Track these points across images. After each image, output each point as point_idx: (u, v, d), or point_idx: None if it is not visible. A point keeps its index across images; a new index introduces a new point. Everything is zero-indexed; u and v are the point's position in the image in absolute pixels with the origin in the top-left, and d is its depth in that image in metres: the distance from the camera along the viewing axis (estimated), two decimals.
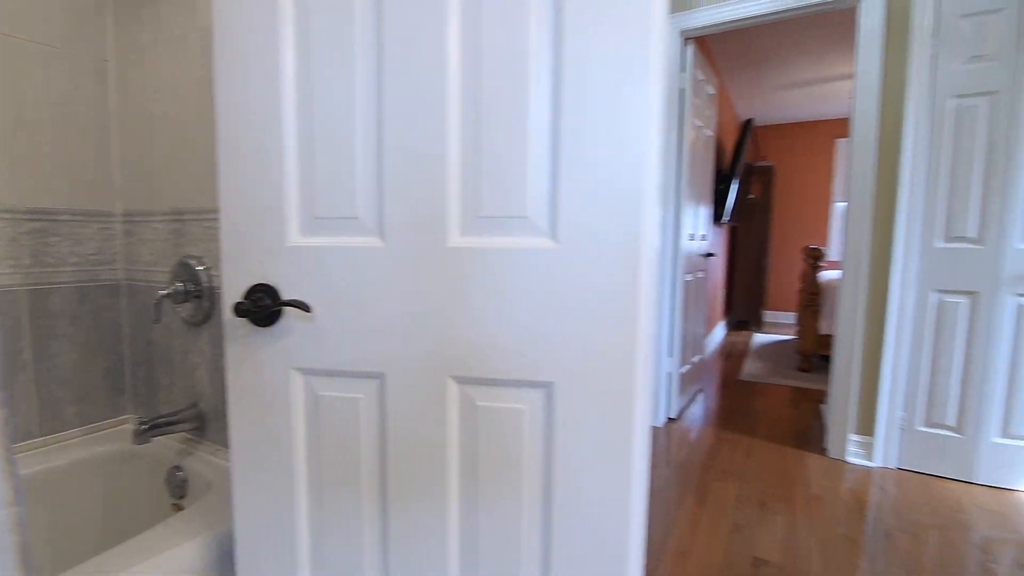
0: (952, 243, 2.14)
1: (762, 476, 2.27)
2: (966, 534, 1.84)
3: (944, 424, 2.20)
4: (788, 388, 3.60)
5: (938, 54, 2.13)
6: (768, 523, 1.90)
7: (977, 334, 2.12)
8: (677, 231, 2.80)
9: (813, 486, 2.18)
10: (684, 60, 2.74)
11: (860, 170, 2.29)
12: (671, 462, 2.43)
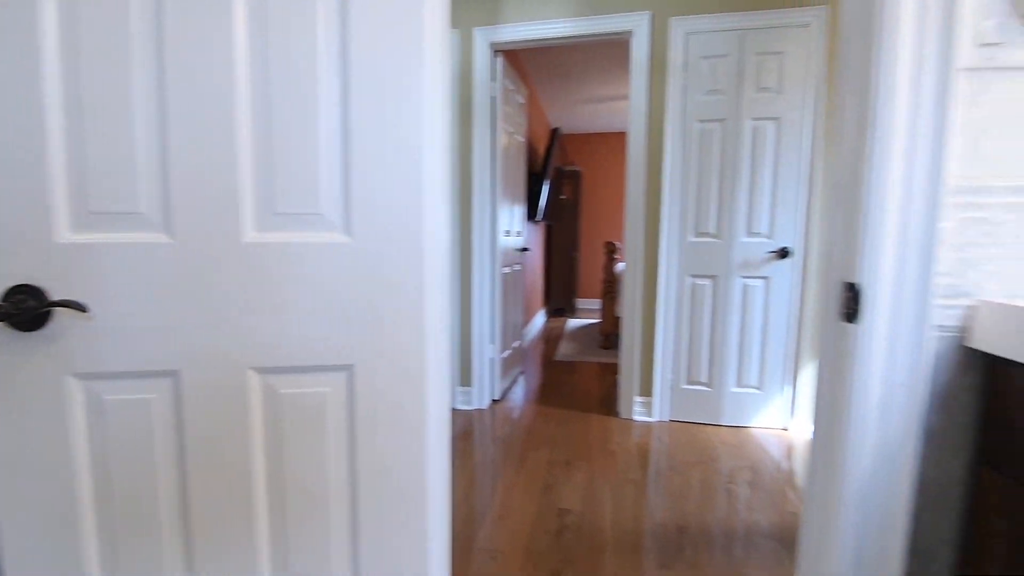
0: (700, 238, 2.70)
1: (570, 441, 2.61)
2: (716, 465, 2.36)
3: (700, 381, 2.77)
4: (595, 364, 4.12)
5: (687, 86, 2.65)
6: (572, 479, 2.20)
7: (718, 309, 2.71)
8: (494, 228, 3.03)
9: (608, 443, 2.58)
10: (495, 70, 2.97)
11: (635, 177, 2.74)
12: (496, 438, 2.64)
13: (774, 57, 2.57)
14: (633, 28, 2.69)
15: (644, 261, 2.77)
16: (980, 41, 0.67)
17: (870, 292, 0.71)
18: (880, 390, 0.72)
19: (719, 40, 2.61)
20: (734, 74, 2.61)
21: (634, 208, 2.76)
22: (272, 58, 0.77)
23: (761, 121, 2.60)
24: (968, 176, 0.68)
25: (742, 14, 2.57)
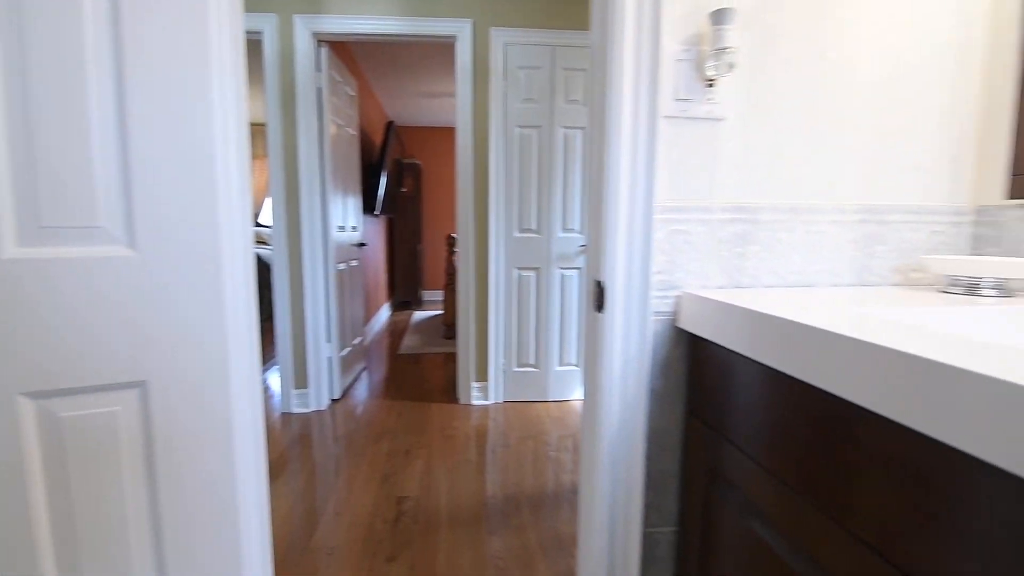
0: (524, 233, 2.95)
1: (410, 430, 2.69)
2: (544, 437, 2.63)
3: (529, 363, 3.04)
4: (438, 355, 4.24)
5: (507, 93, 2.86)
6: (411, 467, 2.29)
7: (542, 297, 2.99)
8: (326, 223, 2.95)
9: (447, 429, 2.71)
10: (319, 60, 2.87)
11: (464, 176, 2.89)
12: (337, 437, 2.62)
13: (579, 72, 2.89)
14: (457, 34, 2.81)
15: (475, 255, 2.94)
16: (676, 96, 0.89)
17: (610, 288, 0.91)
18: (621, 363, 0.92)
19: (534, 53, 2.85)
20: (547, 85, 2.88)
21: (464, 205, 2.91)
22: (28, 47, 0.72)
23: (571, 129, 2.92)
24: (672, 199, 0.91)
25: (552, 31, 2.84)
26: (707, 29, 0.88)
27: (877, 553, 0.52)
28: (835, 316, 0.63)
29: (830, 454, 0.59)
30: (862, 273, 0.97)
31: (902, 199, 0.96)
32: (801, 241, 0.95)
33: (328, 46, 2.96)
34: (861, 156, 0.95)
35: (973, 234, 0.98)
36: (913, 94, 0.95)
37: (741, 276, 0.94)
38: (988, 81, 0.96)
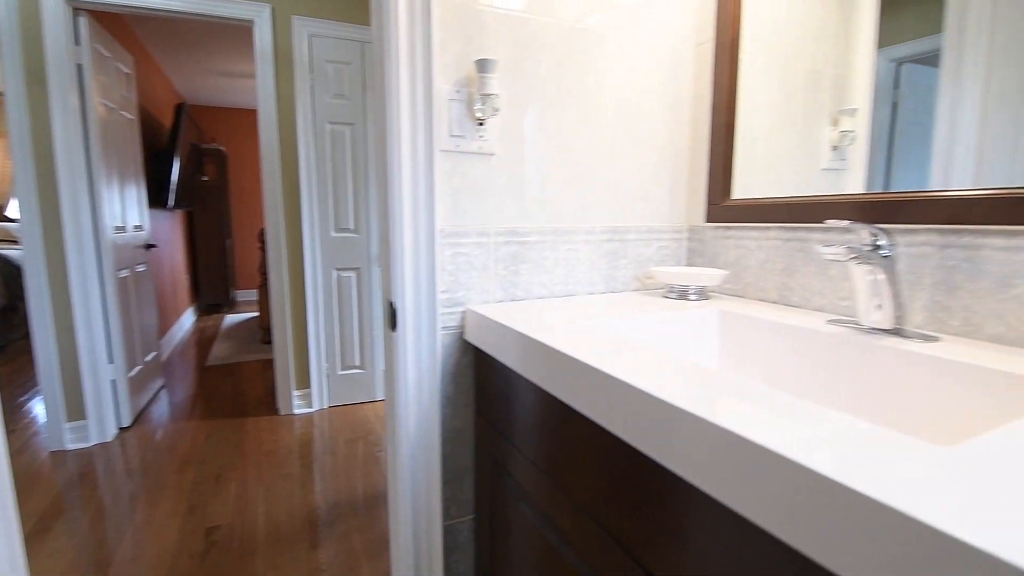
0: (341, 233, 2.88)
1: (220, 453, 2.48)
2: (372, 438, 2.63)
3: (354, 365, 3.01)
4: (254, 363, 3.93)
5: (315, 86, 2.74)
6: (223, 492, 2.13)
7: (364, 298, 2.96)
8: (97, 223, 2.53)
9: (265, 444, 2.56)
10: (77, 33, 2.43)
11: (270, 173, 2.71)
12: (131, 471, 2.30)
13: None
14: (254, 18, 2.61)
15: (289, 255, 2.79)
16: (451, 133, 0.99)
17: (401, 308, 0.98)
18: (415, 374, 1.01)
19: (343, 47, 2.77)
20: (359, 82, 2.83)
21: (273, 203, 2.74)
22: None
23: None
24: (454, 224, 1.01)
25: (363, 28, 2.79)
26: (474, 74, 0.99)
27: (596, 521, 0.68)
28: (569, 331, 0.79)
29: (565, 446, 0.75)
30: (610, 282, 1.19)
31: (636, 222, 1.20)
32: (563, 258, 1.12)
33: (90, 15, 2.51)
34: (605, 187, 1.15)
35: (688, 248, 1.26)
36: (643, 137, 1.18)
37: (516, 290, 1.08)
38: (693, 131, 1.23)
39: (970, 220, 0.75)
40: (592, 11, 1.09)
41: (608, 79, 1.12)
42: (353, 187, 2.88)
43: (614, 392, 0.58)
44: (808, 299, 0.99)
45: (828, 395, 0.80)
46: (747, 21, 1.11)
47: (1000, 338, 0.73)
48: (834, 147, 1.02)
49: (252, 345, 4.39)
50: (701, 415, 0.47)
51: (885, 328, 0.78)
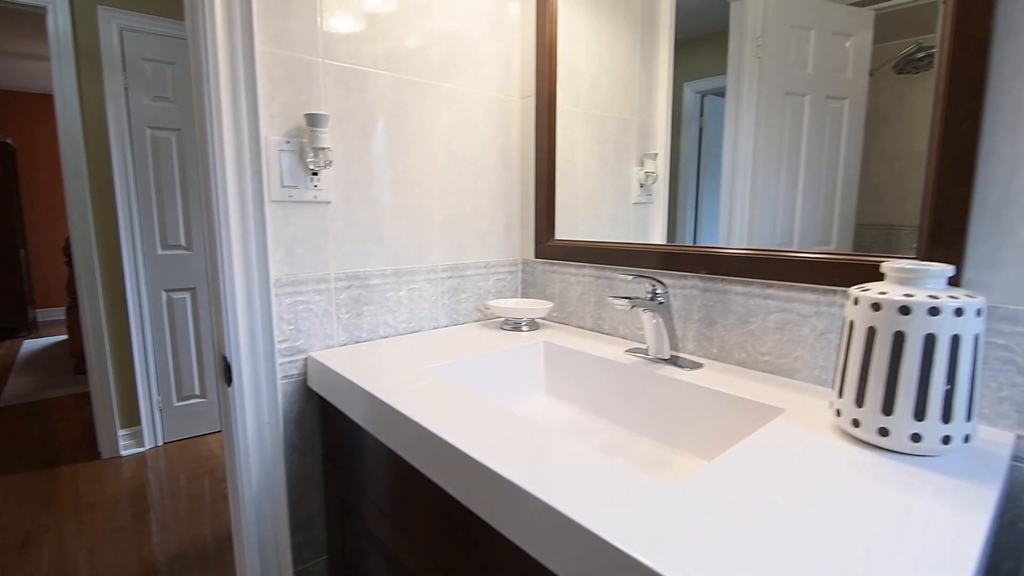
0: (170, 250, 2.61)
1: (25, 514, 2.13)
2: (216, 472, 2.43)
3: (193, 394, 2.75)
4: (66, 398, 3.38)
5: (130, 86, 2.43)
6: (32, 560, 1.84)
7: (200, 319, 2.72)
8: None
9: (86, 496, 2.25)
10: None
11: (75, 185, 2.36)
12: None
13: None
14: (47, 5, 2.24)
15: (104, 274, 2.47)
16: (284, 183, 0.99)
17: (236, 362, 0.96)
18: (255, 428, 0.99)
19: (164, 45, 2.50)
20: (185, 83, 2.57)
21: (80, 214, 2.39)
22: None
23: None
24: (291, 273, 1.01)
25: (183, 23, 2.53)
26: (305, 126, 1.00)
27: (434, 561, 0.76)
28: (403, 381, 0.85)
29: (404, 491, 0.81)
30: (453, 315, 1.27)
31: (475, 258, 1.29)
32: (406, 297, 1.18)
33: None
34: (443, 228, 1.23)
35: (522, 279, 1.40)
36: (475, 180, 1.27)
37: (360, 332, 1.12)
38: (523, 173, 1.36)
39: (720, 272, 0.96)
40: (423, 65, 1.15)
41: (439, 129, 1.19)
42: (182, 200, 2.61)
43: (441, 451, 0.66)
44: (616, 328, 1.16)
45: (628, 414, 0.96)
46: (563, 79, 1.25)
47: (743, 362, 0.94)
48: (641, 184, 1.21)
49: (62, 377, 3.77)
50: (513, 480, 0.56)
51: (664, 358, 0.96)
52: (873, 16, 0.86)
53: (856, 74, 0.90)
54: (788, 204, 0.97)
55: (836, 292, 0.83)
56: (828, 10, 0.92)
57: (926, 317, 0.57)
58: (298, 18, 0.98)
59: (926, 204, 0.72)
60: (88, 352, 2.47)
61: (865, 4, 0.87)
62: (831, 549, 0.43)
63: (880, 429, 0.61)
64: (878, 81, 0.85)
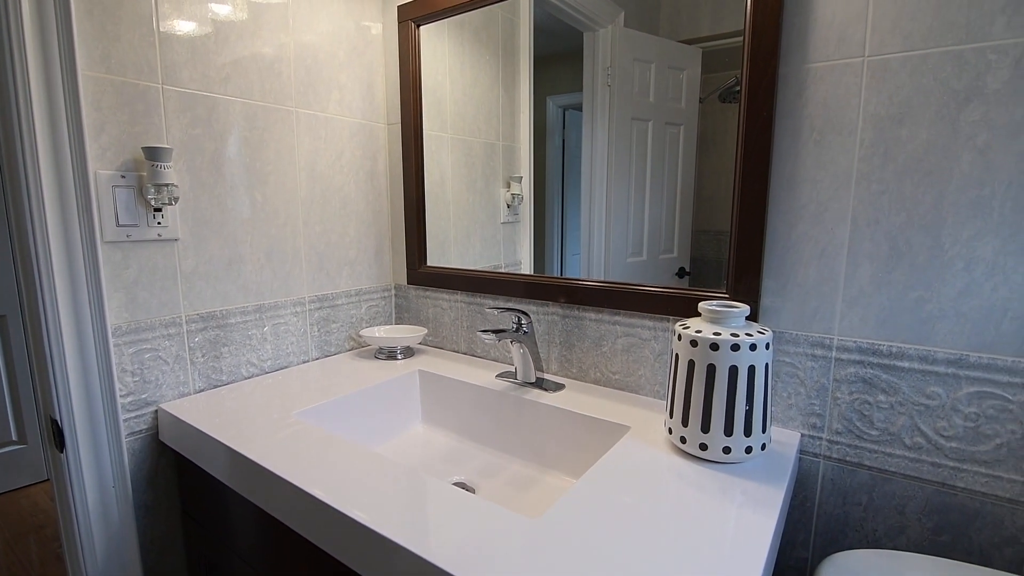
0: None
1: None
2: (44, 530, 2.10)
3: (9, 441, 2.33)
4: None
5: None
6: None
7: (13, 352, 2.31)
8: None
9: None
10: None
11: None
12: None
13: None
14: None
15: None
16: (121, 222, 0.89)
17: (68, 424, 0.86)
18: (97, 493, 0.89)
19: None
20: None
21: None
22: None
23: None
24: (133, 319, 0.92)
25: None
26: (143, 159, 0.91)
27: None
28: (263, 428, 0.83)
29: (271, 546, 0.79)
30: (324, 347, 1.24)
31: (344, 286, 1.27)
32: (271, 333, 1.13)
33: None
34: (308, 258, 1.19)
35: (396, 304, 1.40)
36: (342, 207, 1.25)
37: (219, 375, 1.05)
38: (392, 198, 1.36)
39: (576, 302, 1.05)
40: (281, 90, 1.10)
41: (300, 157, 1.16)
42: None
43: (310, 506, 0.66)
44: (487, 351, 1.22)
45: (500, 437, 1.03)
46: (429, 106, 1.28)
47: (598, 380, 1.05)
48: (508, 205, 1.28)
49: None
50: (385, 534, 0.58)
51: (531, 382, 1.04)
52: (701, 53, 1.01)
53: (688, 103, 1.05)
54: (638, 216, 1.10)
55: (668, 320, 0.96)
56: (665, 46, 1.05)
57: (730, 352, 0.70)
58: (130, 39, 0.89)
59: (731, 248, 0.87)
60: None
61: (692, 42, 1.02)
62: (665, 548, 0.53)
63: (701, 444, 0.73)
64: (706, 108, 1.01)
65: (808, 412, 0.84)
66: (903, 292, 0.75)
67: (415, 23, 1.23)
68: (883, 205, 0.75)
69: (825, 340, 0.82)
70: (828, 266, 0.80)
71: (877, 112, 0.75)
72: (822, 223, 0.80)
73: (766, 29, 0.79)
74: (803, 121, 0.80)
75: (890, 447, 0.79)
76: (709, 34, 0.97)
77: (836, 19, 0.76)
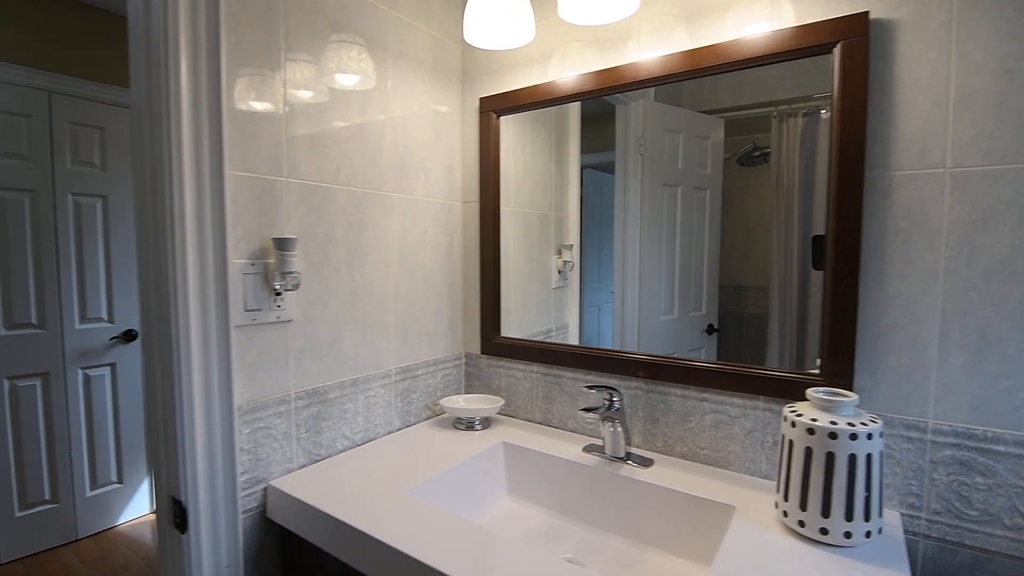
0: (17, 330, 2.21)
1: None
2: None
3: (42, 500, 2.30)
4: None
5: None
6: None
7: (55, 409, 2.31)
8: None
9: None
10: None
11: None
12: None
13: (94, 130, 2.39)
14: None
15: None
16: (248, 307, 0.95)
17: (193, 506, 0.88)
18: (212, 574, 0.91)
19: (17, 95, 2.18)
20: (44, 139, 2.26)
21: None
22: None
23: (85, 197, 2.38)
24: (252, 399, 0.96)
25: (48, 74, 2.25)
26: (270, 246, 0.98)
27: None
28: (376, 506, 0.86)
29: None
30: (406, 417, 1.28)
31: (424, 357, 1.32)
32: (363, 406, 1.17)
33: None
34: (395, 331, 1.25)
35: (466, 372, 1.45)
36: (425, 282, 1.32)
37: (319, 450, 1.08)
38: (464, 271, 1.43)
39: (656, 377, 1.11)
40: (379, 177, 1.19)
41: (393, 237, 1.23)
42: (35, 270, 2.25)
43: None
44: (564, 422, 1.26)
45: (595, 513, 1.05)
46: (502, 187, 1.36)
47: (684, 455, 1.09)
48: (559, 271, 1.35)
49: None
50: None
51: (620, 456, 1.08)
52: (724, 122, 1.11)
53: (713, 168, 1.14)
54: (669, 276, 1.18)
55: (758, 399, 1.01)
56: (692, 117, 1.15)
57: (848, 441, 0.75)
58: (265, 137, 0.97)
59: (824, 335, 0.93)
60: None
61: (714, 113, 1.12)
62: None
63: (821, 529, 0.77)
64: (726, 169, 1.10)
65: (905, 492, 0.88)
66: (995, 381, 0.81)
67: (496, 114, 1.33)
68: (971, 300, 0.82)
69: (920, 423, 0.87)
70: (920, 354, 0.86)
71: (961, 217, 0.83)
72: (912, 314, 0.87)
73: (852, 140, 0.88)
74: (889, 222, 0.88)
75: (990, 527, 0.83)
76: (731, 105, 1.08)
77: (917, 135, 0.85)
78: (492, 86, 1.35)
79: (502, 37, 1.14)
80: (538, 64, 1.27)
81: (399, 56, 1.22)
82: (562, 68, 1.23)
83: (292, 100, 1.01)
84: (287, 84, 1.00)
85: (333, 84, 1.09)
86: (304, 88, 1.03)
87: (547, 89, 1.23)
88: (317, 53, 1.05)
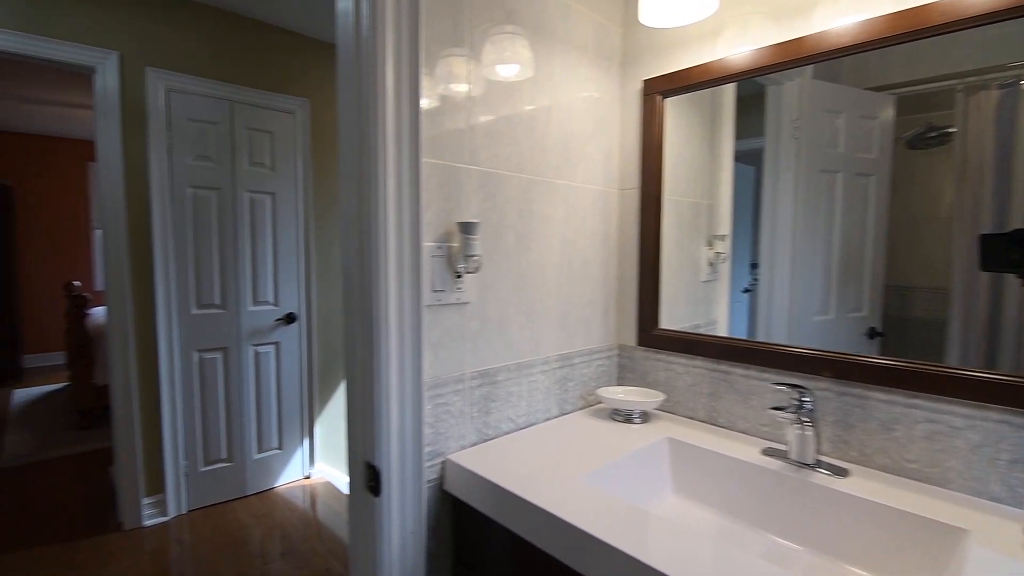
0: (205, 310, 2.55)
1: None
2: (248, 547, 2.32)
3: (220, 458, 2.64)
4: (69, 458, 3.20)
5: (174, 146, 2.42)
6: None
7: (232, 380, 2.64)
8: None
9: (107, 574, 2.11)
10: None
11: (114, 244, 2.31)
12: None
13: (265, 134, 2.69)
14: (96, 65, 2.23)
15: (136, 336, 2.39)
16: (434, 288, 1.00)
17: (386, 471, 0.95)
18: (399, 540, 0.97)
19: (208, 106, 2.51)
20: (227, 143, 2.57)
21: (116, 276, 2.32)
22: None
23: (258, 194, 2.68)
24: (435, 375, 1.01)
25: (231, 86, 2.56)
26: (454, 230, 1.02)
27: None
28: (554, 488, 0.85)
29: None
30: (562, 405, 1.28)
31: (579, 346, 1.31)
32: (526, 391, 1.18)
33: None
34: (554, 318, 1.25)
35: (619, 364, 1.42)
36: (583, 269, 1.31)
37: (487, 429, 1.11)
38: (620, 260, 1.40)
39: (848, 377, 0.99)
40: (545, 164, 1.19)
41: (556, 224, 1.23)
42: (220, 258, 2.58)
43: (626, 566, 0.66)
44: (733, 422, 1.19)
45: (778, 521, 0.97)
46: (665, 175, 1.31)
47: (886, 467, 0.97)
48: (710, 263, 1.26)
49: (63, 432, 3.57)
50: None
51: (808, 463, 0.98)
52: (895, 99, 0.95)
53: (880, 152, 0.98)
54: (825, 272, 1.04)
55: (989, 408, 0.87)
56: (857, 95, 1.00)
57: None
58: (453, 126, 1.01)
59: None
60: (115, 414, 2.36)
61: (882, 89, 0.96)
62: None
63: None
64: (896, 153, 0.94)
65: None
66: None
67: (662, 95, 1.28)
68: None
69: None
70: None
71: None
72: None
73: None
74: None
75: None
76: (904, 80, 0.92)
77: None
78: (657, 67, 1.30)
79: (683, 11, 1.09)
80: (710, 40, 1.20)
81: (565, 43, 1.22)
82: (736, 43, 1.15)
83: (473, 90, 1.04)
84: (469, 75, 1.03)
85: (506, 73, 1.10)
86: (481, 78, 1.06)
87: (719, 67, 1.16)
88: (496, 43, 1.08)
